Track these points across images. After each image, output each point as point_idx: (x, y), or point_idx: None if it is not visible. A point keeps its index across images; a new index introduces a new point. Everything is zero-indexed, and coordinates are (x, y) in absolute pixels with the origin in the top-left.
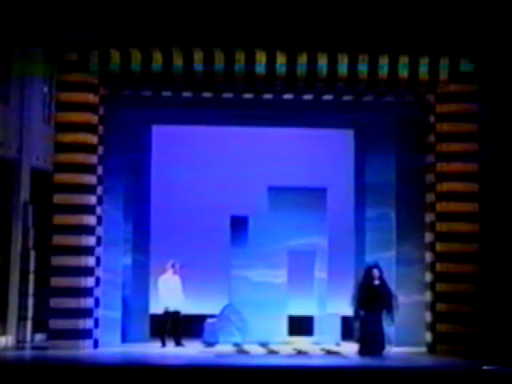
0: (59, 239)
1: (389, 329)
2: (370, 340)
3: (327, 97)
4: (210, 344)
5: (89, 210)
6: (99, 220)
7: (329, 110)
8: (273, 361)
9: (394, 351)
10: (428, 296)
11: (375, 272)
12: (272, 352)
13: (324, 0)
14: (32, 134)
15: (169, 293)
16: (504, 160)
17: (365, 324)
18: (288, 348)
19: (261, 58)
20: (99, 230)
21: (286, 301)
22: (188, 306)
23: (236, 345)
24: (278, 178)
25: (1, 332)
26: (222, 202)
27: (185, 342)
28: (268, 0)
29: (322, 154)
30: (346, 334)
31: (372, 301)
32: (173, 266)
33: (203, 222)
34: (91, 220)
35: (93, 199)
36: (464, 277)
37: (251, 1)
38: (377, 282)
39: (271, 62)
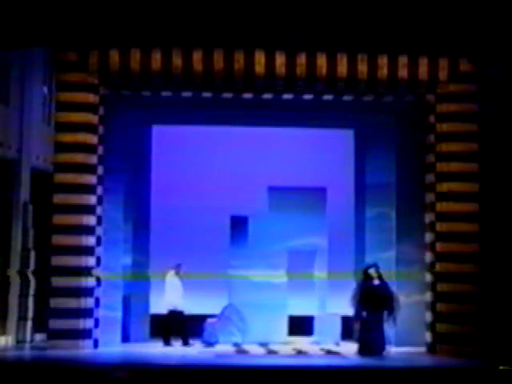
0: (59, 239)
1: (389, 329)
2: (369, 340)
3: (327, 97)
4: (209, 344)
5: (89, 209)
6: (99, 220)
7: (329, 110)
8: (273, 361)
9: (394, 351)
10: (428, 296)
11: (373, 272)
12: (272, 352)
13: (323, 0)
14: (32, 134)
15: (176, 293)
16: (504, 159)
17: (365, 324)
18: (288, 348)
19: (260, 57)
20: (99, 230)
21: (286, 301)
22: (187, 306)
23: (236, 345)
24: (278, 178)
25: (1, 332)
26: (222, 202)
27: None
28: (268, 0)
29: (321, 154)
30: (346, 333)
31: (372, 301)
32: (177, 267)
33: (203, 221)
34: (91, 220)
35: (93, 199)
36: (464, 277)
37: (251, 1)
38: (376, 282)
39: (271, 61)
